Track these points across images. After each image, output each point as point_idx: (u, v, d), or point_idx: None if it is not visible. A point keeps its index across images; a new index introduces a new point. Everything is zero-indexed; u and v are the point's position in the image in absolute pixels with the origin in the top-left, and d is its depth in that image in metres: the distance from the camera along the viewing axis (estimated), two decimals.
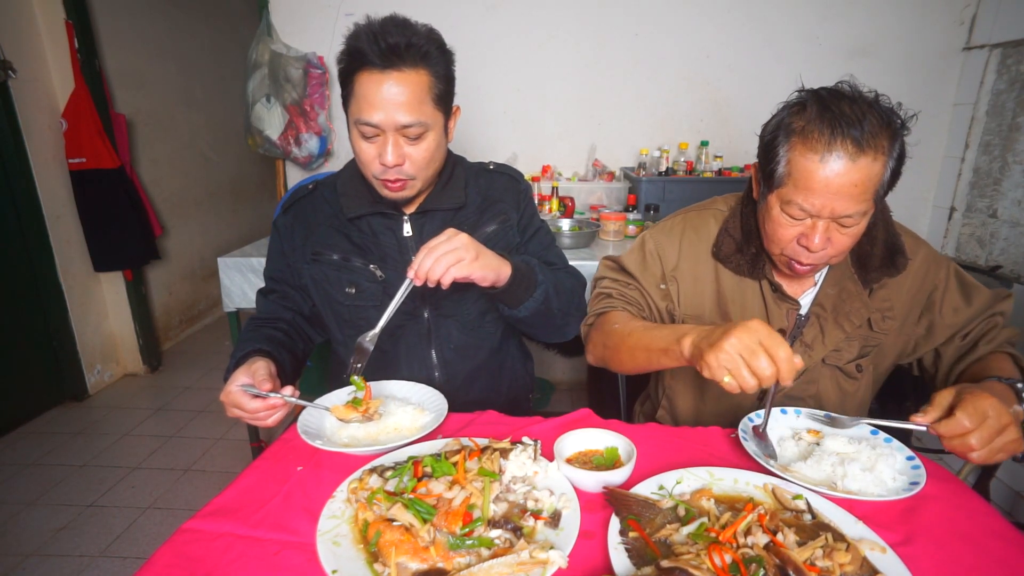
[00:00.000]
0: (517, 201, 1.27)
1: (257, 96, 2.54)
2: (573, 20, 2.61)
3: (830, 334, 1.07)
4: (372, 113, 0.99)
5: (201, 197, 3.97)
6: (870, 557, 0.66)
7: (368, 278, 1.17)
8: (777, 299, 1.08)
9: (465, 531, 0.70)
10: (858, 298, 1.06)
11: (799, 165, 0.89)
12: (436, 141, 1.07)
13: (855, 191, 0.87)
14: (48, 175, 2.74)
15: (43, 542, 1.98)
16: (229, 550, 0.71)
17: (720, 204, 1.18)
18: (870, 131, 0.85)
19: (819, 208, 0.89)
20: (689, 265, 1.13)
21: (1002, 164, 2.26)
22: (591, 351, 1.18)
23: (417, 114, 1.00)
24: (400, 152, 1.03)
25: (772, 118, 0.96)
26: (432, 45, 1.02)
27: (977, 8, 2.43)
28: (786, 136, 0.91)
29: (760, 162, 0.98)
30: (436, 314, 1.21)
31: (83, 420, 2.80)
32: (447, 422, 0.99)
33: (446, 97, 1.07)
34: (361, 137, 1.03)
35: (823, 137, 0.86)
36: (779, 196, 0.94)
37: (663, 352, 0.94)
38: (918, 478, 0.78)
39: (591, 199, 2.69)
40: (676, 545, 0.68)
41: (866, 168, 0.86)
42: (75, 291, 2.91)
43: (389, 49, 0.96)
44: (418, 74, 1.00)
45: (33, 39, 2.64)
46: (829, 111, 0.87)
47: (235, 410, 0.93)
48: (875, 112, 0.86)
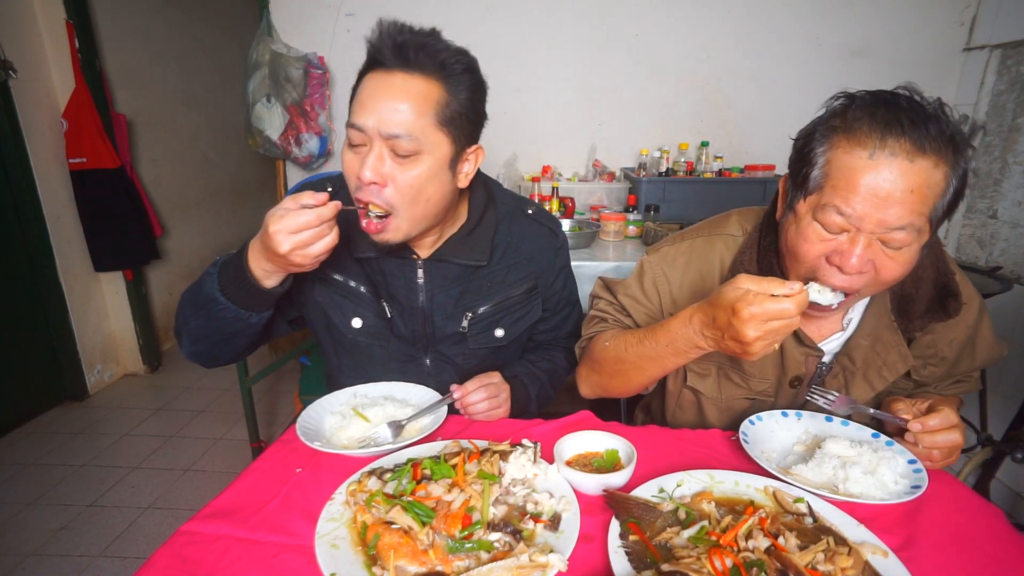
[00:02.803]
0: (551, 263, 1.16)
1: (257, 96, 2.54)
2: (573, 20, 2.60)
3: (856, 390, 0.95)
4: (361, 114, 0.87)
5: (201, 197, 3.97)
6: (872, 561, 0.66)
7: (377, 312, 1.08)
8: (796, 343, 0.94)
9: (464, 534, 0.69)
10: (895, 350, 0.92)
11: (841, 163, 0.73)
12: (431, 172, 0.90)
13: (911, 199, 0.71)
14: (48, 175, 2.74)
15: (43, 542, 1.98)
16: (227, 552, 0.71)
17: (732, 226, 1.01)
18: (933, 133, 0.71)
19: (861, 216, 0.73)
20: (693, 299, 0.96)
21: (1002, 165, 2.25)
22: (583, 384, 1.09)
23: (410, 126, 0.86)
24: (381, 169, 0.87)
25: (809, 123, 0.82)
26: (457, 61, 0.90)
27: (977, 9, 2.43)
28: (826, 134, 0.76)
29: (791, 170, 0.83)
30: (437, 359, 1.14)
31: (83, 420, 2.80)
32: (446, 424, 0.99)
33: (459, 124, 0.91)
34: (348, 144, 0.91)
35: (875, 131, 0.71)
36: (811, 203, 0.78)
37: (673, 352, 0.87)
38: (920, 481, 0.78)
39: (591, 199, 2.69)
40: (677, 548, 0.67)
41: (925, 172, 0.70)
42: (75, 291, 2.91)
43: (401, 46, 0.86)
44: (428, 83, 0.87)
45: (33, 39, 2.64)
46: (883, 105, 0.72)
47: (292, 237, 0.80)
48: (939, 118, 0.72)
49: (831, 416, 0.95)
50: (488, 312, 1.10)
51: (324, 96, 2.60)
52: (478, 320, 1.10)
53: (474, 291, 1.09)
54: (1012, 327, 2.13)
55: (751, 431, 0.91)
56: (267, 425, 2.78)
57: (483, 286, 1.09)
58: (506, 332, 1.13)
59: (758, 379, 1.02)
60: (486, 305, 1.10)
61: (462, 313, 1.09)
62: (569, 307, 1.26)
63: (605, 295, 1.10)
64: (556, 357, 1.24)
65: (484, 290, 1.10)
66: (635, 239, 2.29)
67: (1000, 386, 2.15)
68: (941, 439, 0.80)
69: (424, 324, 1.10)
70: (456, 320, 1.10)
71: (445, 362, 1.14)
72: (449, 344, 1.12)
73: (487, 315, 1.11)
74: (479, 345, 1.13)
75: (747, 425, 0.92)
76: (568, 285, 1.24)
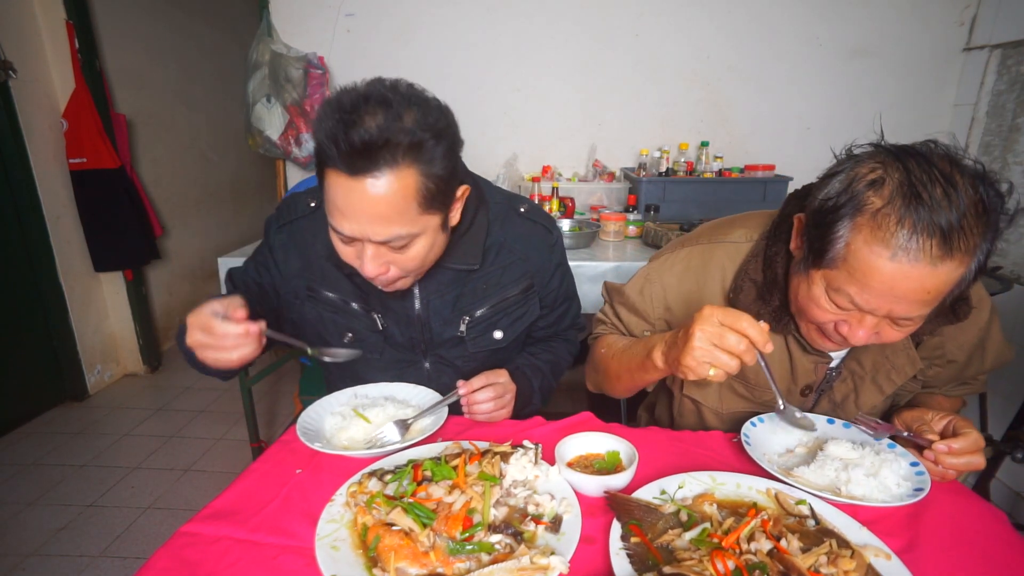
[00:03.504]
0: (547, 261, 1.14)
1: (257, 96, 2.54)
2: (573, 20, 2.60)
3: (865, 395, 0.96)
4: (342, 222, 0.82)
5: (201, 197, 3.96)
6: (875, 564, 0.65)
7: (368, 326, 1.07)
8: (804, 351, 0.94)
9: (465, 536, 0.69)
10: (904, 353, 0.92)
11: (861, 256, 0.70)
12: (429, 243, 0.90)
13: (926, 298, 0.70)
14: (48, 175, 2.74)
15: (43, 542, 1.98)
16: (227, 554, 0.70)
17: (736, 234, 0.98)
18: (966, 227, 0.65)
19: (874, 307, 0.74)
20: (689, 308, 0.98)
21: (1002, 164, 2.25)
22: (587, 379, 1.15)
23: (399, 226, 0.83)
24: (382, 262, 0.87)
25: (837, 173, 0.75)
26: (425, 133, 0.79)
27: (977, 9, 2.42)
28: (853, 212, 0.71)
29: (809, 226, 0.79)
30: (437, 362, 1.14)
31: (83, 420, 2.80)
32: (447, 425, 0.99)
33: (441, 195, 0.85)
34: (338, 239, 0.88)
35: (901, 231, 0.67)
36: (826, 277, 0.77)
37: (640, 368, 0.93)
38: (922, 484, 0.78)
39: (591, 199, 2.69)
40: (678, 551, 0.67)
41: (946, 275, 0.68)
42: (75, 291, 2.91)
43: (357, 151, 0.75)
44: (399, 177, 0.79)
45: (33, 39, 2.63)
46: (915, 194, 0.66)
47: (199, 335, 0.80)
48: (976, 197, 0.66)
49: (832, 418, 0.95)
50: (486, 315, 1.10)
51: (324, 96, 2.59)
52: (476, 323, 1.10)
53: (470, 294, 1.08)
54: (1012, 327, 2.12)
55: (753, 433, 0.91)
56: (267, 425, 2.78)
57: (479, 289, 1.08)
58: (504, 333, 1.13)
59: (764, 389, 1.00)
60: (483, 308, 1.10)
61: (459, 317, 1.09)
62: (567, 302, 1.25)
63: (605, 304, 1.14)
64: (557, 349, 1.24)
65: (480, 293, 1.09)
66: (635, 239, 2.29)
67: (1000, 386, 2.15)
68: (964, 461, 0.79)
69: (422, 330, 1.10)
70: (454, 325, 1.09)
71: (445, 365, 1.14)
72: (448, 348, 1.12)
73: (484, 317, 1.10)
74: (478, 348, 1.12)
75: (748, 427, 0.92)
76: (565, 281, 1.22)
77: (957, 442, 0.80)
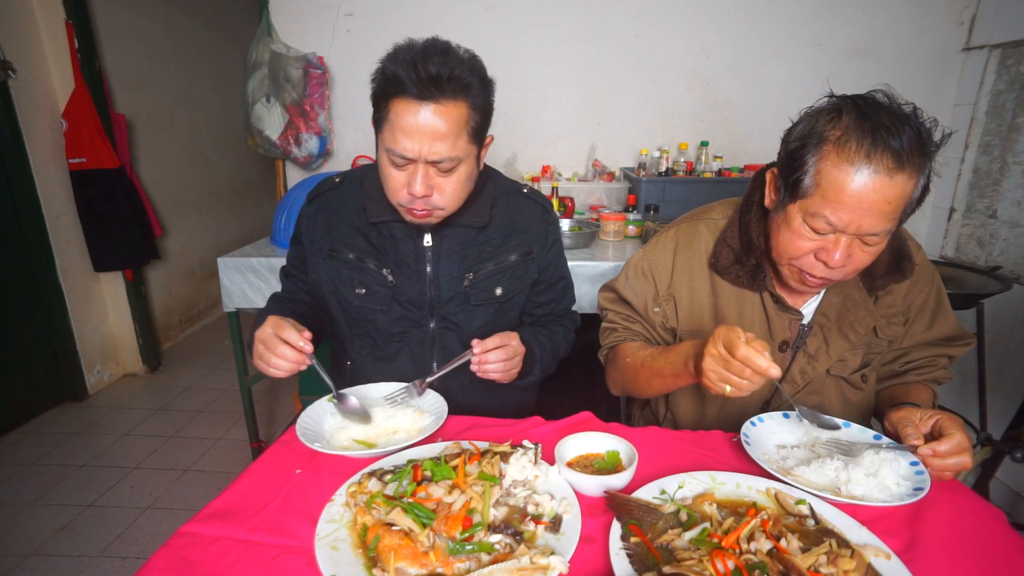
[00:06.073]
0: (544, 235, 1.26)
1: (257, 96, 2.53)
2: (573, 20, 2.60)
3: (834, 344, 1.05)
4: (406, 144, 0.96)
5: (201, 197, 3.97)
6: (874, 563, 0.65)
7: (379, 281, 1.18)
8: (778, 310, 1.05)
9: (465, 536, 0.69)
10: (863, 306, 1.03)
11: (831, 176, 0.83)
12: (467, 172, 1.04)
13: (887, 208, 0.82)
14: (48, 175, 2.74)
15: (43, 542, 1.98)
16: (227, 554, 0.70)
17: (715, 212, 1.14)
18: (909, 146, 0.80)
19: (846, 223, 0.84)
20: (684, 280, 1.11)
21: (1002, 165, 2.25)
22: (612, 385, 1.23)
23: (452, 149, 0.97)
24: (429, 183, 1.00)
25: (799, 123, 0.90)
26: (474, 76, 0.97)
27: (977, 8, 2.42)
28: (817, 144, 0.85)
29: (782, 170, 0.92)
30: (442, 325, 1.21)
31: (83, 420, 2.79)
32: (447, 425, 0.99)
33: (482, 129, 1.03)
34: (391, 164, 1.01)
35: (861, 148, 0.80)
36: (802, 207, 0.88)
37: (675, 377, 0.99)
38: (922, 483, 0.78)
39: (591, 199, 2.68)
40: (678, 550, 0.67)
41: (901, 186, 0.81)
42: (75, 291, 2.91)
43: (429, 79, 0.92)
44: (457, 107, 0.96)
45: (33, 39, 2.63)
46: (868, 120, 0.81)
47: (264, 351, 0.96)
48: (913, 126, 0.81)
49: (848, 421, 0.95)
50: (488, 272, 1.20)
51: (323, 96, 2.60)
52: (479, 280, 1.20)
53: (475, 255, 1.19)
54: (1012, 327, 2.12)
55: (752, 432, 0.91)
56: (267, 425, 2.78)
57: (484, 250, 1.20)
58: (504, 290, 1.22)
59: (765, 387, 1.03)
60: (486, 267, 1.20)
61: (464, 274, 1.19)
62: (563, 281, 1.35)
63: (611, 305, 1.21)
64: (555, 332, 1.30)
65: (485, 255, 1.20)
66: (635, 239, 2.29)
67: (1000, 386, 2.15)
68: (951, 463, 0.82)
69: (431, 286, 1.18)
70: (459, 281, 1.19)
71: (450, 329, 1.22)
72: (453, 306, 1.20)
73: (487, 274, 1.20)
74: (480, 301, 1.21)
75: (748, 427, 0.92)
76: (560, 260, 1.33)
77: (941, 444, 0.82)
